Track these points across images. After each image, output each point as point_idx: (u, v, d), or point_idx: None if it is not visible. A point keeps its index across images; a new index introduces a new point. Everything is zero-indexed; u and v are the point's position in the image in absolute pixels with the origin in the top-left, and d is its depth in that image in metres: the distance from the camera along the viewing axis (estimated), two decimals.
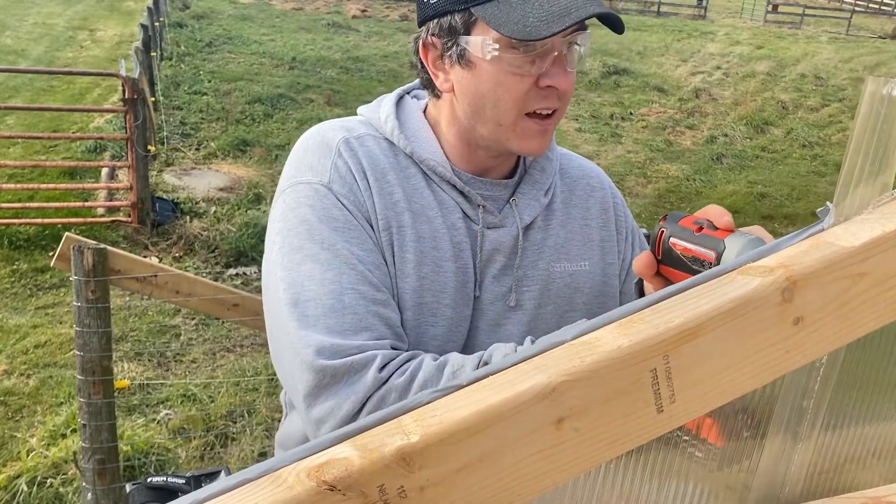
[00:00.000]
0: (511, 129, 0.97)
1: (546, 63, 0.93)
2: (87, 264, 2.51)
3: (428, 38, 0.99)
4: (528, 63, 0.92)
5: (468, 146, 1.04)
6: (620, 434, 0.52)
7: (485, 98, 0.95)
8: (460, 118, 1.01)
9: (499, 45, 0.91)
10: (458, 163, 1.05)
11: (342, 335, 0.88)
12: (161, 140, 8.35)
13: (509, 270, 1.06)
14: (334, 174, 0.98)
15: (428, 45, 0.99)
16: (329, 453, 0.47)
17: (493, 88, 0.94)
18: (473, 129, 1.00)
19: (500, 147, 1.01)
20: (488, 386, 0.50)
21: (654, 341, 0.52)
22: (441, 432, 0.47)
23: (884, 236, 0.57)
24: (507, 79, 0.93)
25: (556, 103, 0.96)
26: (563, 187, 1.13)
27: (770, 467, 0.68)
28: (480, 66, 0.94)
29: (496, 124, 0.97)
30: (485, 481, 0.49)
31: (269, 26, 17.19)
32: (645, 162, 10.37)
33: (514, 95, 0.94)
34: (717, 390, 0.55)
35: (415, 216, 1.00)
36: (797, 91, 15.04)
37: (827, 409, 0.67)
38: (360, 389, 0.85)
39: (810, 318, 0.56)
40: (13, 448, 3.39)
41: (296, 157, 1.02)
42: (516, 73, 0.93)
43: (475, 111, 0.98)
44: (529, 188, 1.08)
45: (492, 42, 0.91)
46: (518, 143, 0.98)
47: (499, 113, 0.96)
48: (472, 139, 1.02)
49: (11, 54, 12.62)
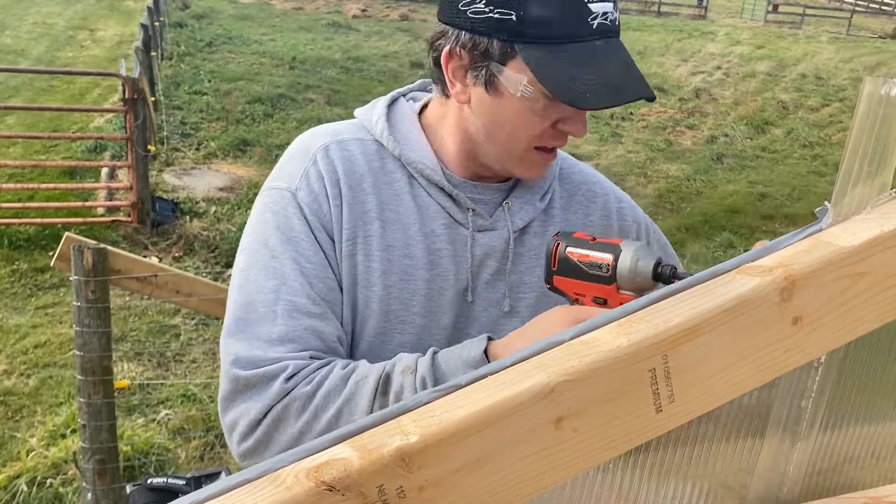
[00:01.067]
0: (518, 158, 1.00)
1: (569, 111, 0.94)
2: (86, 264, 2.51)
3: (456, 49, 0.96)
4: (553, 108, 0.94)
5: (468, 156, 1.04)
6: (619, 434, 0.52)
7: (503, 126, 0.97)
8: (469, 131, 1.02)
9: (532, 88, 0.92)
10: (453, 167, 1.05)
11: (266, 345, 0.94)
12: (161, 140, 8.35)
13: (502, 276, 1.06)
14: (303, 182, 1.01)
15: (454, 54, 0.97)
16: (328, 454, 0.47)
17: (512, 121, 0.96)
18: (481, 146, 1.01)
19: (501, 168, 1.03)
20: (487, 386, 0.50)
21: (653, 341, 0.52)
22: (440, 432, 0.47)
23: (882, 236, 0.57)
24: (530, 117, 0.95)
25: (565, 142, 1.00)
26: (562, 192, 1.12)
27: (769, 467, 0.68)
28: (506, 98, 0.94)
29: (506, 151, 0.99)
30: (484, 481, 0.49)
31: (269, 26, 17.19)
32: (645, 162, 10.37)
33: (531, 133, 0.96)
34: (717, 390, 0.55)
35: (385, 224, 1.01)
36: (797, 91, 15.04)
37: (825, 408, 0.67)
38: (265, 398, 0.92)
39: (809, 317, 0.56)
40: (13, 448, 3.39)
41: (281, 160, 1.06)
42: (539, 114, 0.94)
43: (489, 133, 0.99)
44: (524, 192, 1.08)
45: (527, 84, 0.92)
46: (521, 170, 1.02)
47: (511, 143, 0.98)
48: (475, 152, 1.03)
49: (11, 54, 12.62)
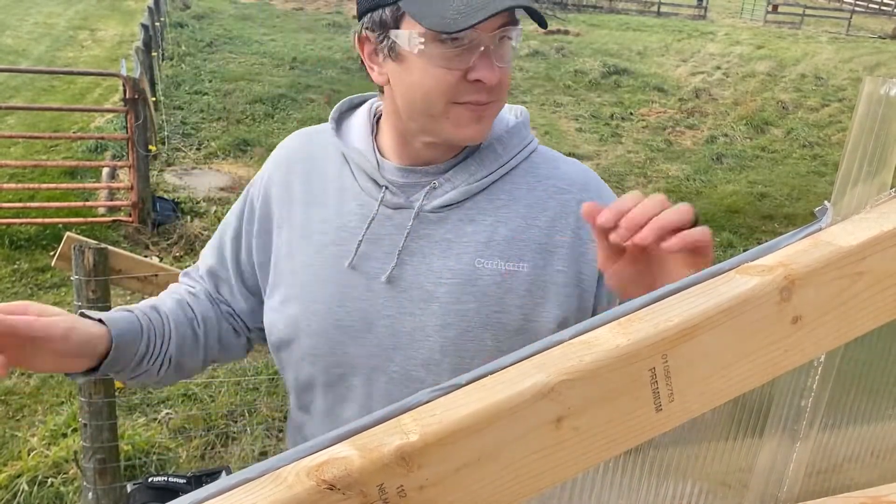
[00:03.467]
0: (443, 118, 0.97)
1: (473, 57, 0.93)
2: (87, 264, 2.51)
3: (363, 33, 1.01)
4: (456, 57, 0.93)
5: (402, 139, 1.05)
6: (619, 433, 0.52)
7: (415, 91, 0.96)
8: (396, 110, 1.02)
9: (424, 38, 0.92)
10: (391, 156, 1.07)
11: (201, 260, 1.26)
12: (162, 140, 8.35)
13: (394, 249, 1.03)
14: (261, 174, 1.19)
15: (363, 39, 1.01)
16: (329, 452, 0.47)
17: (420, 81, 0.95)
18: (408, 122, 1.01)
19: (435, 139, 1.01)
20: (487, 385, 0.50)
21: (653, 340, 0.52)
22: (440, 431, 0.47)
23: (882, 235, 0.57)
24: (435, 72, 0.94)
25: (485, 97, 0.96)
26: (520, 184, 1.06)
27: (768, 467, 0.68)
28: (409, 60, 0.95)
29: (427, 115, 0.97)
30: (484, 480, 0.49)
31: (269, 26, 17.19)
32: (645, 162, 10.37)
33: (442, 88, 0.94)
34: (716, 389, 0.55)
35: (308, 205, 1.10)
36: (797, 91, 15.03)
37: (825, 408, 0.67)
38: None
39: (809, 316, 0.56)
40: (14, 447, 3.39)
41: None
42: (443, 66, 0.93)
43: (407, 103, 0.99)
44: (458, 174, 1.04)
45: (417, 36, 0.92)
46: (452, 130, 0.98)
47: (429, 105, 0.96)
48: (407, 131, 1.03)
49: (12, 54, 12.63)
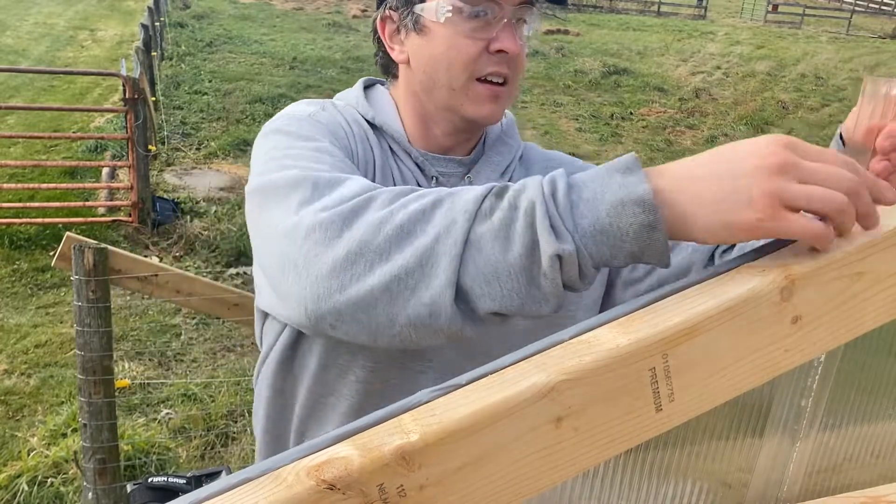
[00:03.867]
0: (463, 94, 0.99)
1: (496, 29, 0.96)
2: (87, 264, 2.51)
3: (386, 12, 1.03)
4: (480, 28, 0.96)
5: (424, 123, 1.06)
6: (619, 433, 0.52)
7: (438, 62, 0.98)
8: (416, 90, 1.04)
9: (451, 7, 0.95)
10: (415, 142, 1.07)
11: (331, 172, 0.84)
12: (161, 140, 8.35)
13: None
14: (317, 115, 1.00)
15: (386, 18, 1.04)
16: (329, 452, 0.47)
17: (445, 52, 0.97)
18: (429, 98, 1.03)
19: (453, 117, 1.02)
20: (487, 385, 0.50)
21: (653, 340, 0.52)
22: (440, 431, 0.47)
23: (881, 236, 0.57)
24: (459, 41, 0.96)
25: (506, 70, 0.99)
26: (520, 171, 1.12)
27: (768, 466, 0.68)
28: (434, 31, 0.98)
29: (449, 89, 0.99)
30: (484, 480, 0.49)
31: (269, 26, 17.19)
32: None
33: (466, 58, 0.97)
34: (716, 389, 0.55)
35: (384, 178, 1.02)
36: (797, 91, 15.03)
37: (825, 408, 0.67)
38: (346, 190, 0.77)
39: (809, 316, 0.56)
40: (14, 447, 3.39)
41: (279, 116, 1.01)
42: (468, 36, 0.96)
43: (429, 76, 1.00)
44: (485, 167, 1.08)
45: (445, 4, 0.96)
46: (471, 107, 1.00)
47: (451, 77, 0.98)
48: (428, 114, 1.05)
49: (12, 54, 12.62)
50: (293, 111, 1.00)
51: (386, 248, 0.69)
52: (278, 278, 0.77)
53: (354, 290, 0.69)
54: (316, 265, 0.71)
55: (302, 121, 0.96)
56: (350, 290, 0.70)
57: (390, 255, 0.68)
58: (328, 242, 0.71)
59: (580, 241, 0.62)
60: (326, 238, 0.72)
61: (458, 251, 0.65)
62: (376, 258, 0.69)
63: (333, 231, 0.71)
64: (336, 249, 0.70)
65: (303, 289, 0.72)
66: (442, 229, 0.67)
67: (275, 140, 0.93)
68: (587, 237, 0.62)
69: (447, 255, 0.66)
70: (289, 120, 0.96)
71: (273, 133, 0.95)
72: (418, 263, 0.67)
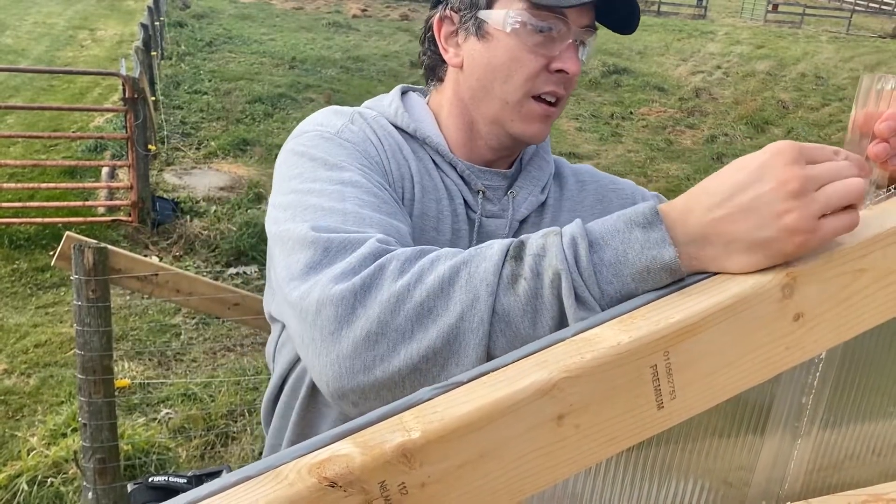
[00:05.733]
0: (516, 109, 0.97)
1: (560, 48, 0.95)
2: (87, 263, 2.51)
3: (446, 12, 1.00)
4: (544, 44, 0.94)
5: (469, 133, 1.03)
6: (621, 431, 0.52)
7: (496, 72, 0.96)
8: (464, 97, 1.01)
9: (520, 19, 0.93)
10: (457, 151, 1.04)
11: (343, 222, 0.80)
12: (161, 139, 8.35)
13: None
14: (346, 131, 0.95)
15: (445, 18, 1.01)
16: (330, 450, 0.47)
17: (506, 63, 0.95)
18: (477, 107, 1.00)
19: (500, 131, 1.00)
20: (489, 383, 0.50)
21: (655, 337, 0.52)
22: (442, 429, 0.47)
23: (883, 233, 0.57)
24: (522, 55, 0.94)
25: (561, 90, 0.98)
26: (555, 187, 1.12)
27: (769, 464, 0.68)
28: (497, 39, 0.95)
29: (503, 101, 0.97)
30: (485, 478, 0.49)
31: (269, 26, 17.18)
32: (645, 161, 10.37)
33: (526, 73, 0.95)
34: (718, 386, 0.55)
35: (424, 192, 0.98)
36: (797, 90, 15.03)
37: (826, 406, 0.67)
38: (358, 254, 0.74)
39: (810, 313, 0.56)
40: (14, 447, 3.39)
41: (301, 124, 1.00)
42: (531, 51, 0.94)
43: (483, 86, 0.98)
44: (527, 182, 1.07)
45: (514, 14, 0.93)
46: (521, 125, 0.98)
47: (507, 90, 0.96)
48: (474, 123, 1.02)
49: (12, 54, 12.62)
50: (320, 126, 0.96)
51: (408, 328, 0.67)
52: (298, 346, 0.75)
53: (380, 372, 0.68)
54: (335, 345, 0.69)
55: (329, 141, 0.93)
56: (375, 371, 0.68)
57: (413, 335, 0.67)
58: (343, 320, 0.69)
59: (607, 306, 0.62)
60: (339, 315, 0.69)
61: (485, 328, 0.65)
62: (399, 338, 0.67)
63: (346, 308, 0.69)
64: (354, 329, 0.69)
65: (324, 366, 0.71)
66: (465, 306, 0.66)
67: (299, 166, 0.90)
68: (614, 302, 0.62)
69: (475, 334, 0.65)
70: (315, 140, 0.93)
71: (299, 156, 0.91)
72: (445, 342, 0.66)
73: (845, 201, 0.57)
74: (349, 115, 1.00)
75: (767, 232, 0.57)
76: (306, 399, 0.98)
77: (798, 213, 0.56)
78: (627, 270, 0.61)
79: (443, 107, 1.05)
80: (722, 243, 0.59)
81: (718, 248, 0.59)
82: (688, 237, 0.61)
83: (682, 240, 0.61)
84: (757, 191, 0.58)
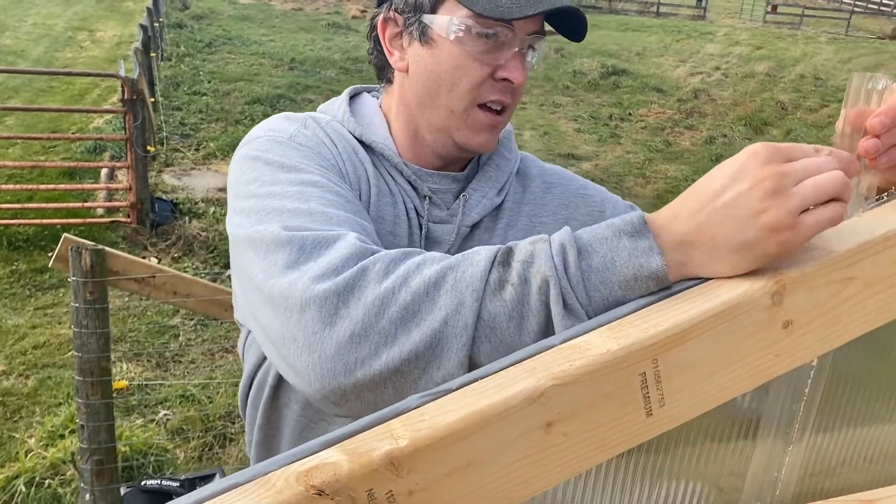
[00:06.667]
0: (462, 118, 0.95)
1: (506, 56, 0.93)
2: (85, 265, 2.51)
3: (390, 14, 0.98)
4: (489, 51, 0.92)
5: (415, 137, 1.01)
6: (609, 438, 0.52)
7: (440, 80, 0.94)
8: (410, 102, 0.99)
9: (465, 26, 0.91)
10: (406, 155, 1.01)
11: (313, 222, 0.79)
12: (160, 141, 8.35)
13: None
14: (299, 136, 0.94)
15: (388, 20, 0.98)
16: (318, 458, 0.47)
17: (450, 71, 0.93)
18: (423, 114, 0.98)
19: (446, 140, 0.98)
20: (477, 390, 0.50)
21: (644, 345, 0.52)
22: (430, 437, 0.47)
23: (872, 240, 0.57)
24: (467, 63, 0.92)
25: (508, 99, 0.96)
26: (517, 187, 1.08)
27: (761, 470, 0.68)
28: (441, 46, 0.93)
29: (448, 110, 0.95)
30: (473, 486, 0.49)
31: (268, 27, 17.19)
32: (644, 162, 10.37)
33: (471, 82, 0.93)
34: (708, 394, 0.55)
35: (381, 195, 0.97)
36: (796, 92, 15.04)
37: (818, 411, 0.67)
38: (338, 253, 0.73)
39: (800, 321, 0.56)
40: (11, 449, 3.39)
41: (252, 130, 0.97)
42: (476, 59, 0.92)
43: (428, 92, 0.96)
44: (482, 184, 1.03)
45: (458, 22, 0.91)
46: (467, 134, 0.96)
47: (452, 98, 0.94)
48: (419, 128, 0.99)
49: (11, 55, 12.62)
50: (272, 131, 0.94)
51: (391, 331, 0.67)
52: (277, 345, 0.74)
53: (361, 374, 0.68)
54: (318, 345, 0.69)
55: (283, 145, 0.91)
56: (357, 373, 0.68)
57: (396, 338, 0.67)
58: (327, 320, 0.69)
59: (594, 314, 0.62)
60: (323, 315, 0.69)
61: (469, 333, 0.65)
62: (382, 341, 0.67)
63: (329, 308, 0.69)
64: (337, 330, 0.68)
65: (305, 366, 0.70)
66: (450, 311, 0.65)
67: (256, 170, 0.88)
68: (601, 309, 0.62)
69: (458, 339, 0.65)
70: (269, 144, 0.91)
71: (253, 161, 0.90)
72: (428, 346, 0.66)
73: (825, 195, 0.57)
74: (302, 121, 0.98)
75: (748, 233, 0.57)
76: (269, 401, 0.99)
77: (775, 210, 0.56)
78: (615, 278, 0.61)
79: (391, 109, 1.03)
80: (707, 248, 0.59)
81: (704, 252, 0.59)
82: (674, 244, 0.61)
83: (669, 247, 0.61)
84: (733, 193, 0.59)
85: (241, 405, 1.08)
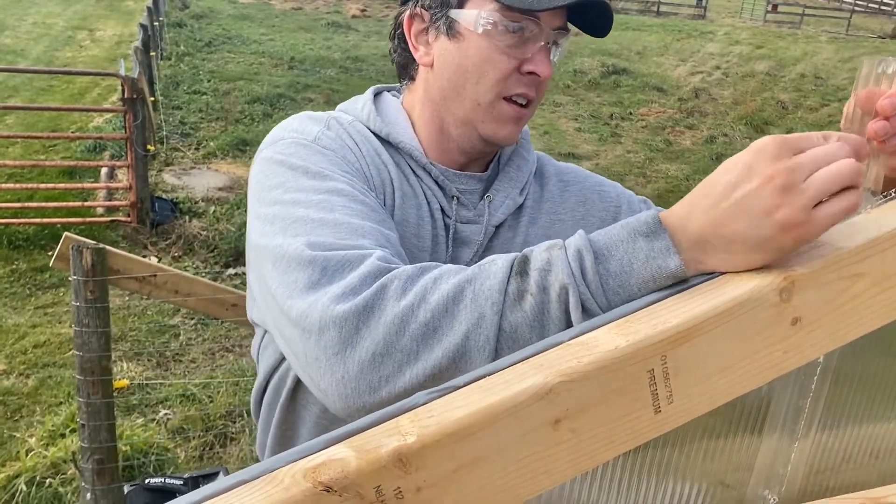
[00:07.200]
0: (487, 111, 0.96)
1: (532, 50, 0.93)
2: (86, 264, 2.51)
3: (416, 10, 0.98)
4: (516, 45, 0.93)
5: (440, 133, 1.01)
6: (617, 435, 0.52)
7: (467, 73, 0.95)
8: (435, 97, 0.99)
9: (492, 20, 0.92)
10: (431, 153, 1.02)
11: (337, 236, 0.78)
12: (160, 140, 8.35)
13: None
14: (323, 138, 0.94)
15: (415, 15, 0.99)
16: (325, 454, 0.47)
17: (477, 64, 0.94)
18: (448, 107, 0.98)
19: (471, 134, 0.98)
20: (485, 387, 0.50)
21: (652, 342, 0.51)
22: (438, 433, 0.47)
23: (881, 237, 0.57)
24: (494, 56, 0.93)
25: (532, 93, 0.96)
26: (535, 186, 1.09)
27: (767, 466, 0.68)
28: (468, 39, 0.94)
29: (474, 103, 0.96)
30: (481, 482, 0.49)
31: (268, 26, 17.19)
32: (644, 162, 10.37)
33: (498, 75, 0.93)
34: (716, 391, 0.55)
35: (405, 197, 0.97)
36: (797, 91, 15.04)
37: (824, 408, 0.67)
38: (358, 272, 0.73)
39: (808, 318, 0.56)
40: (12, 448, 3.39)
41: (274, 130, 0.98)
42: (504, 52, 0.93)
43: (454, 86, 0.96)
44: (505, 185, 1.04)
45: (486, 15, 0.92)
46: (492, 126, 0.97)
47: (479, 91, 0.95)
48: (445, 123, 1.00)
49: (11, 54, 12.62)
50: (295, 132, 0.94)
51: (413, 349, 0.67)
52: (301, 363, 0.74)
53: (386, 392, 0.68)
54: (340, 365, 0.69)
55: (307, 148, 0.91)
56: (382, 391, 0.68)
57: (419, 355, 0.67)
58: (348, 341, 0.69)
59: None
60: (343, 336, 0.69)
61: (491, 346, 0.65)
62: (405, 359, 0.67)
63: (349, 328, 0.69)
64: (359, 350, 0.68)
65: (329, 386, 0.70)
66: (471, 326, 0.66)
67: (280, 175, 0.88)
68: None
69: (481, 352, 0.65)
70: (293, 147, 0.91)
71: (278, 165, 0.89)
72: (451, 361, 0.66)
73: (837, 185, 0.56)
74: (325, 121, 0.98)
75: (763, 231, 0.57)
76: (287, 402, 0.98)
77: (788, 207, 0.56)
78: (633, 280, 0.61)
79: (415, 107, 1.03)
80: (723, 245, 0.59)
81: (720, 249, 0.59)
82: (690, 242, 0.61)
83: (686, 245, 0.61)
84: (745, 190, 0.58)
85: (253, 406, 1.07)
